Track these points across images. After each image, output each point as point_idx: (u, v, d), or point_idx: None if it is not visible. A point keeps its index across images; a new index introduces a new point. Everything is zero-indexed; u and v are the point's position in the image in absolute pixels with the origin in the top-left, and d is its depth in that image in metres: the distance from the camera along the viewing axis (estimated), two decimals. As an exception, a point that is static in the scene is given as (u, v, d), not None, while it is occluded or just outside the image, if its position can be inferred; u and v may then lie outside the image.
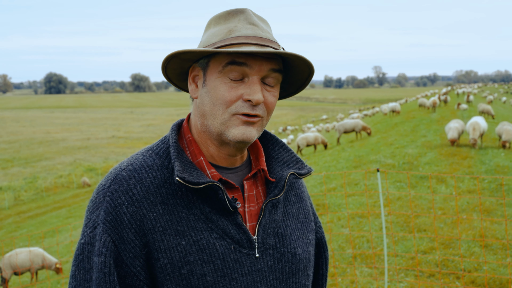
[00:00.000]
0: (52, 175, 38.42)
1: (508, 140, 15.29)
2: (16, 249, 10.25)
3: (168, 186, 1.35)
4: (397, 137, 20.34)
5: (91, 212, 1.34)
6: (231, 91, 1.32)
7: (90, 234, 1.31)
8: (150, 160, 1.39)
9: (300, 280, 1.46)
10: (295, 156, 1.54)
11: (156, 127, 72.81)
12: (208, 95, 1.35)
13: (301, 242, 1.49)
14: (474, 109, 32.24)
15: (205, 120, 1.38)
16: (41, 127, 72.82)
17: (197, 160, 1.40)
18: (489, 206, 9.06)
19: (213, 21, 1.41)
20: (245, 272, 1.35)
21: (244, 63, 1.31)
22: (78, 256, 1.32)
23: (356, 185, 11.76)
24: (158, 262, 1.30)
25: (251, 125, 1.35)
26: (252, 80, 1.33)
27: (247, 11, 1.39)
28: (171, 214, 1.32)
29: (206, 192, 1.34)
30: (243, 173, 1.46)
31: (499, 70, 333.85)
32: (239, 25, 1.36)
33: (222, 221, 1.35)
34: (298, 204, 1.56)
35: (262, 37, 1.35)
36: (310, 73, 1.43)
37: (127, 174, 1.35)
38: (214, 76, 1.34)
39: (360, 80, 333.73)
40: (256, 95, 1.31)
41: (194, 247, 1.31)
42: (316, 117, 77.90)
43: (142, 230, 1.30)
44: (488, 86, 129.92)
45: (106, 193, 1.33)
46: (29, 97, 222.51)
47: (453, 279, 6.16)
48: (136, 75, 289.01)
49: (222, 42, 1.34)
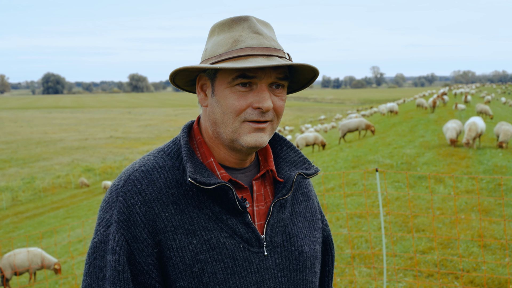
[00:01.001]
0: (50, 176, 38.38)
1: (505, 140, 15.31)
2: (15, 250, 10.23)
3: (179, 187, 1.39)
4: (395, 137, 20.37)
5: (104, 211, 1.38)
6: (241, 100, 1.36)
7: (103, 233, 1.35)
8: (162, 161, 1.43)
9: (307, 277, 1.50)
10: (302, 157, 1.59)
11: (154, 127, 72.79)
12: (218, 105, 1.39)
13: (308, 240, 1.53)
14: (472, 109, 32.32)
15: (216, 127, 1.42)
16: (39, 127, 72.74)
17: (208, 161, 1.45)
18: (487, 206, 9.08)
19: (216, 28, 1.43)
20: (254, 270, 1.39)
21: (253, 76, 1.34)
22: (91, 255, 1.35)
23: (354, 185, 11.77)
24: (170, 261, 1.34)
25: (262, 131, 1.39)
26: (261, 88, 1.36)
27: (250, 18, 1.41)
28: (182, 214, 1.36)
29: (216, 192, 1.38)
30: (252, 173, 1.51)
31: (496, 70, 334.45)
32: (243, 34, 1.38)
33: (231, 221, 1.39)
34: (305, 203, 1.61)
35: (268, 47, 1.38)
36: (315, 75, 1.47)
37: (140, 175, 1.38)
38: (223, 87, 1.37)
39: (358, 80, 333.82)
40: (265, 103, 1.35)
41: (205, 246, 1.35)
42: (314, 117, 78.00)
43: (154, 230, 1.34)
44: (485, 86, 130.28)
45: (119, 193, 1.36)
46: (26, 97, 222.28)
47: (452, 279, 6.16)
48: (134, 75, 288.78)
49: (228, 54, 1.36)
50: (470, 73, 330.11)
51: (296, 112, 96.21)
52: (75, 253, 12.46)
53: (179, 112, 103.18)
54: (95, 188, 33.45)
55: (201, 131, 1.49)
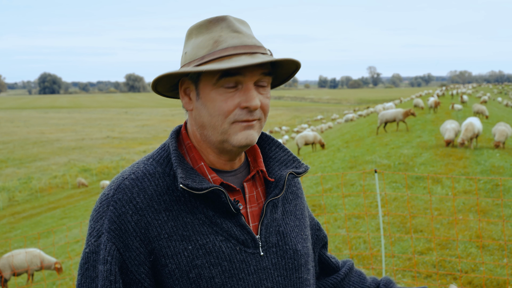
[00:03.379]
0: (47, 176, 38.31)
1: (501, 140, 15.34)
2: (13, 251, 10.19)
3: (171, 193, 1.37)
4: (392, 137, 20.37)
5: (94, 221, 1.36)
6: (228, 101, 1.34)
7: (94, 243, 1.33)
8: (152, 168, 1.41)
9: (303, 275, 1.51)
10: (291, 155, 1.59)
11: (150, 127, 72.69)
12: (205, 108, 1.37)
13: (300, 238, 1.54)
14: (469, 110, 32.38)
15: (204, 130, 1.40)
16: (35, 127, 72.57)
17: (198, 166, 1.43)
18: (485, 206, 9.09)
19: (194, 30, 1.41)
20: (251, 271, 1.39)
21: (237, 73, 1.33)
22: (83, 265, 1.34)
23: (352, 186, 11.77)
24: (166, 268, 1.32)
25: (252, 128, 1.38)
26: (246, 87, 1.35)
27: (228, 18, 1.39)
28: (175, 220, 1.35)
29: (208, 196, 1.37)
30: (242, 175, 1.50)
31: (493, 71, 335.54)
32: (223, 34, 1.36)
33: (226, 224, 1.38)
34: (294, 202, 1.62)
35: (250, 45, 1.36)
36: (296, 68, 1.46)
37: (130, 183, 1.37)
38: (208, 89, 1.36)
39: (355, 81, 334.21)
40: (253, 101, 1.34)
41: (201, 251, 1.34)
42: (311, 117, 77.99)
43: (147, 238, 1.32)
44: (482, 86, 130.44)
45: (109, 202, 1.35)
46: (23, 97, 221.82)
47: (450, 280, 6.17)
48: (131, 75, 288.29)
49: (211, 55, 1.34)
50: (466, 73, 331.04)
51: (293, 112, 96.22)
52: (72, 254, 12.43)
53: (176, 112, 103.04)
54: (92, 189, 33.40)
55: (189, 136, 1.48)
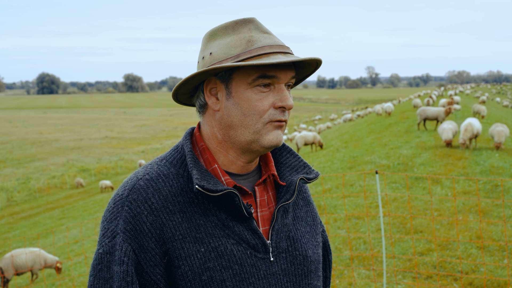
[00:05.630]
0: (45, 176, 38.28)
1: (500, 141, 15.34)
2: (13, 251, 10.16)
3: (185, 195, 1.37)
4: (391, 137, 20.38)
5: (108, 221, 1.35)
6: (263, 101, 1.35)
7: (109, 243, 1.32)
8: (165, 169, 1.40)
9: (312, 282, 1.51)
10: (302, 161, 1.58)
11: (149, 127, 72.65)
12: (238, 107, 1.36)
13: (311, 244, 1.54)
14: (468, 110, 32.40)
15: (231, 131, 1.39)
16: (34, 127, 72.49)
17: (212, 168, 1.42)
18: (484, 207, 9.09)
19: (218, 32, 1.40)
20: (261, 276, 1.38)
21: (274, 76, 1.34)
22: (96, 266, 1.33)
23: (351, 186, 11.76)
24: (179, 270, 1.32)
25: (280, 129, 1.39)
26: (280, 87, 1.37)
27: (255, 20, 1.40)
28: (189, 222, 1.35)
29: (222, 199, 1.37)
30: (254, 179, 1.49)
31: (491, 71, 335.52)
32: (254, 34, 1.37)
33: (238, 227, 1.38)
34: (306, 208, 1.61)
35: (282, 45, 1.38)
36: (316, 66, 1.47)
37: (145, 184, 1.36)
38: (242, 88, 1.35)
39: (353, 81, 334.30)
40: (288, 101, 1.37)
41: (213, 253, 1.34)
42: (310, 117, 78.01)
43: (162, 239, 1.32)
44: (480, 86, 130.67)
45: (124, 202, 1.34)
46: (21, 98, 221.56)
47: (451, 280, 6.17)
48: (129, 75, 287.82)
49: (247, 54, 1.34)
50: (465, 73, 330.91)
51: (292, 112, 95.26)
52: (72, 254, 12.41)
53: (174, 112, 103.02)
54: (91, 189, 33.36)
55: (203, 138, 1.47)
